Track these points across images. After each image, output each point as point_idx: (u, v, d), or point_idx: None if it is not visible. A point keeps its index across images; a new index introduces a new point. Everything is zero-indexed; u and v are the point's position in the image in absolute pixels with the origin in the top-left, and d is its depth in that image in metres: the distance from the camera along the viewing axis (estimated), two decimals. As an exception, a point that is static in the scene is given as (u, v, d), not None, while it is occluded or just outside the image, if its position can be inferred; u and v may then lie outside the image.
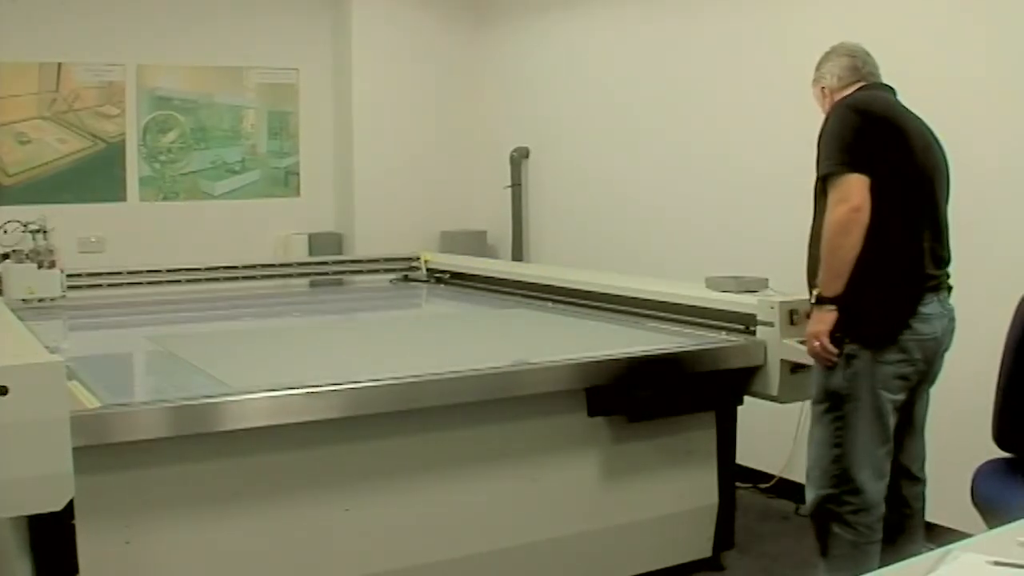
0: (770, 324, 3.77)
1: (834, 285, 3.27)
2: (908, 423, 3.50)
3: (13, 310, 4.12)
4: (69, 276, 5.05)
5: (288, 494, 3.22)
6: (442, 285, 5.88)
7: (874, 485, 3.36)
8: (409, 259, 6.14)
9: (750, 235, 5.14)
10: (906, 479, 3.56)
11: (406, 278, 6.06)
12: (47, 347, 3.04)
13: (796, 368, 3.74)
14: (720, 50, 5.37)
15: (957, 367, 3.56)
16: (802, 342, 3.64)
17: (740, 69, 5.26)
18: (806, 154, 3.47)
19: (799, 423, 4.64)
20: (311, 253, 6.82)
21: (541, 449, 3.66)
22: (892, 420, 3.37)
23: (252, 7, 6.83)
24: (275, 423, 3.06)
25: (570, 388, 3.60)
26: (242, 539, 3.16)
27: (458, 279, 5.78)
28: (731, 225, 5.30)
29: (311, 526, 3.26)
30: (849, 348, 3.32)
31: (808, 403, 4.13)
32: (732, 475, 4.18)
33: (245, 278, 5.69)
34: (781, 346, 3.75)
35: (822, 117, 3.61)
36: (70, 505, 2.67)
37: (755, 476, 5.10)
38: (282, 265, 6.02)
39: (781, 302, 3.76)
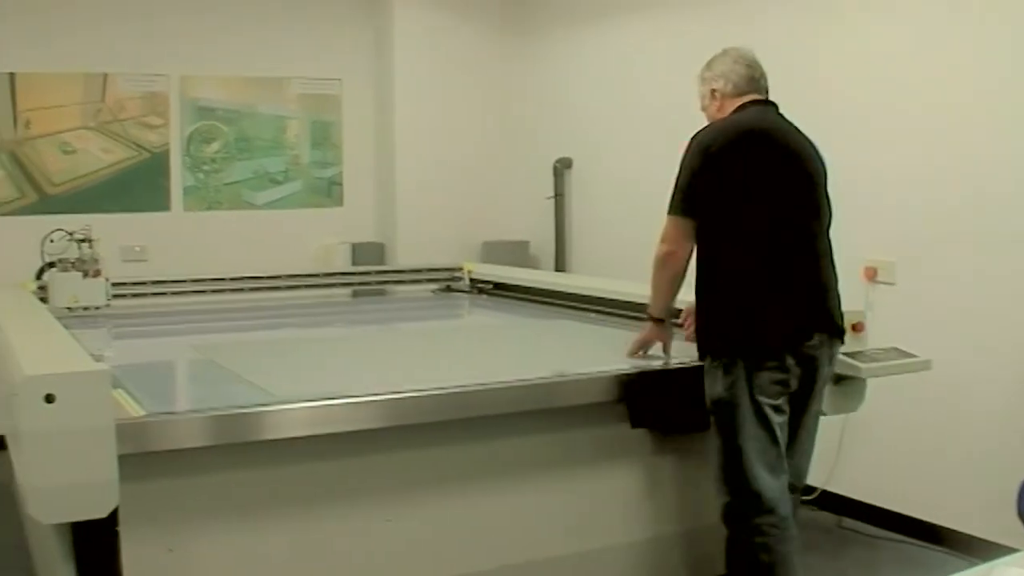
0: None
1: (657, 306, 3.63)
2: (792, 442, 3.46)
3: (58, 318, 4.15)
4: (113, 285, 5.10)
5: (330, 504, 3.22)
6: (484, 296, 5.87)
7: (771, 484, 3.34)
8: (451, 269, 6.14)
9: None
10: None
11: (448, 288, 6.06)
12: (92, 355, 3.07)
13: (840, 379, 3.70)
14: (760, 58, 5.33)
15: (1000, 379, 3.51)
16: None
17: (783, 77, 5.22)
18: (833, 160, 3.46)
19: (841, 435, 4.61)
20: (353, 263, 6.85)
21: (580, 461, 3.64)
22: (777, 419, 3.35)
23: (294, 18, 6.88)
24: (318, 432, 3.07)
25: (611, 399, 3.58)
26: (284, 548, 3.16)
27: (500, 290, 5.77)
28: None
29: (353, 536, 3.26)
30: (727, 359, 3.34)
31: (850, 414, 4.11)
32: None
33: (288, 288, 5.71)
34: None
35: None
36: (114, 512, 2.69)
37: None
38: (324, 275, 6.04)
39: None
